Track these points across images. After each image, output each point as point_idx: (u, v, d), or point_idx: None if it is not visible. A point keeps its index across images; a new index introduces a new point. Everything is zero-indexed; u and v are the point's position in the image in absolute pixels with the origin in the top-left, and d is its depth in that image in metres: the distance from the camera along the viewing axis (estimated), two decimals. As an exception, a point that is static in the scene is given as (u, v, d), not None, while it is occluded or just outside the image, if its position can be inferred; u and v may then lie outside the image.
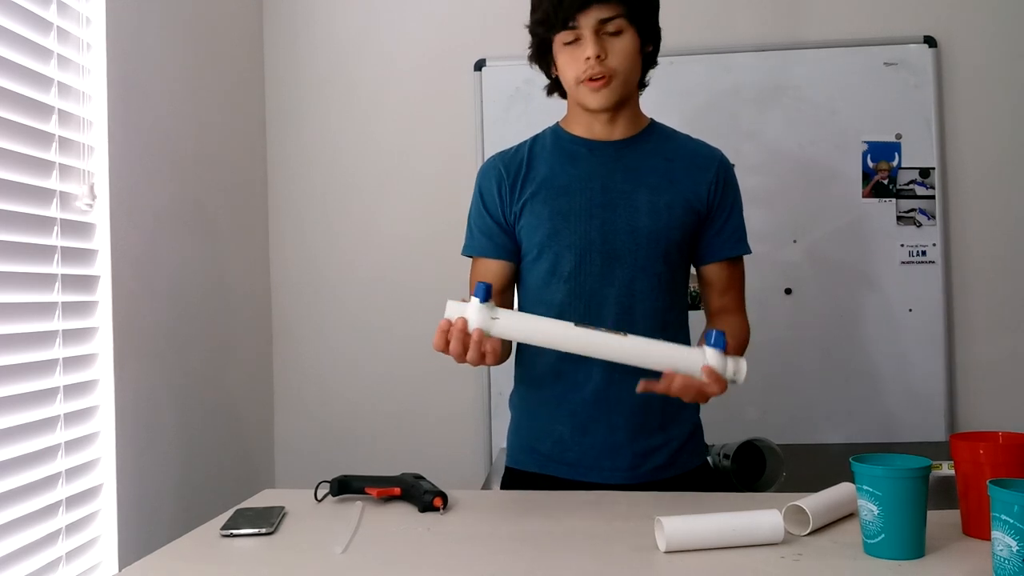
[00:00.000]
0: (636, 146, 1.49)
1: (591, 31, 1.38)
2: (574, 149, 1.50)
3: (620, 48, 1.40)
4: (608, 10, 1.38)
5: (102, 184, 1.71)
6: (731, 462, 1.95)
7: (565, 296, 1.46)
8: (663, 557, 1.06)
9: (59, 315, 1.59)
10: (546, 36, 1.44)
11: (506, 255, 1.51)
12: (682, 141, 1.53)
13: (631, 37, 1.41)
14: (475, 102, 2.47)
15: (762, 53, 2.41)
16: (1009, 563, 0.90)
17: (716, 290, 1.53)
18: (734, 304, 1.54)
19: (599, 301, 1.45)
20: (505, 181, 1.50)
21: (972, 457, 1.10)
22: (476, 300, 1.23)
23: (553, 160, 1.50)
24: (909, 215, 2.37)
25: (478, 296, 1.23)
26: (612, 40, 1.40)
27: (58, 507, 1.57)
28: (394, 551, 1.13)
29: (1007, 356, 2.35)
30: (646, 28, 1.44)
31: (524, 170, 1.50)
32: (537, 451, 1.50)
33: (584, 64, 1.39)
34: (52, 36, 1.60)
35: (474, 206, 1.55)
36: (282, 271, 2.56)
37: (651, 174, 1.47)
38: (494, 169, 1.53)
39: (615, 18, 1.38)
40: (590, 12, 1.37)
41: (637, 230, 1.44)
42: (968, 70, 2.38)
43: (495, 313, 1.24)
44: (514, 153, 1.54)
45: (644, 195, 1.45)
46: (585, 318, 1.45)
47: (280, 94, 2.56)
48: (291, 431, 2.55)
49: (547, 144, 1.53)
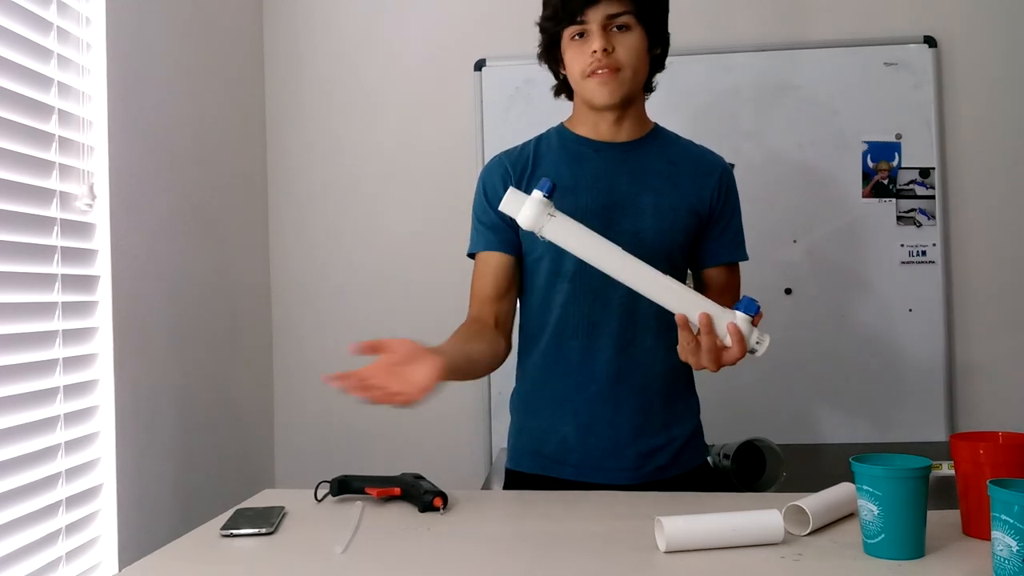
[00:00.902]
0: (641, 149, 1.50)
1: (599, 25, 1.39)
2: (580, 150, 1.50)
3: (628, 43, 1.41)
4: (617, 5, 1.39)
5: (102, 184, 1.71)
6: (731, 462, 1.95)
7: (568, 296, 1.46)
8: (663, 557, 1.06)
9: (59, 315, 1.59)
10: (555, 31, 1.45)
11: (510, 249, 1.51)
12: (686, 146, 1.54)
13: (639, 35, 1.41)
14: (475, 102, 2.47)
15: (762, 53, 2.41)
16: (1009, 563, 0.90)
17: (713, 295, 1.53)
18: None
19: (603, 302, 1.45)
20: (511, 179, 1.50)
21: (972, 457, 1.10)
22: (539, 192, 1.25)
23: (559, 160, 1.50)
24: (909, 215, 2.37)
25: (542, 190, 1.25)
26: (620, 36, 1.40)
27: (58, 507, 1.57)
28: (394, 551, 1.13)
29: (1007, 356, 2.35)
30: (654, 29, 1.44)
31: (530, 169, 1.50)
32: (540, 453, 1.50)
33: (591, 58, 1.40)
34: (52, 36, 1.60)
35: (477, 203, 1.54)
36: (282, 271, 2.56)
37: (656, 177, 1.47)
38: (500, 166, 1.53)
39: (623, 14, 1.39)
40: (599, 7, 1.38)
41: (641, 232, 1.44)
42: (968, 70, 2.38)
43: (552, 211, 1.25)
44: (519, 152, 1.54)
45: (649, 197, 1.46)
46: (588, 318, 1.45)
47: (280, 94, 2.56)
48: (291, 431, 2.55)
49: (552, 144, 1.53)
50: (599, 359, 1.45)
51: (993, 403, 2.35)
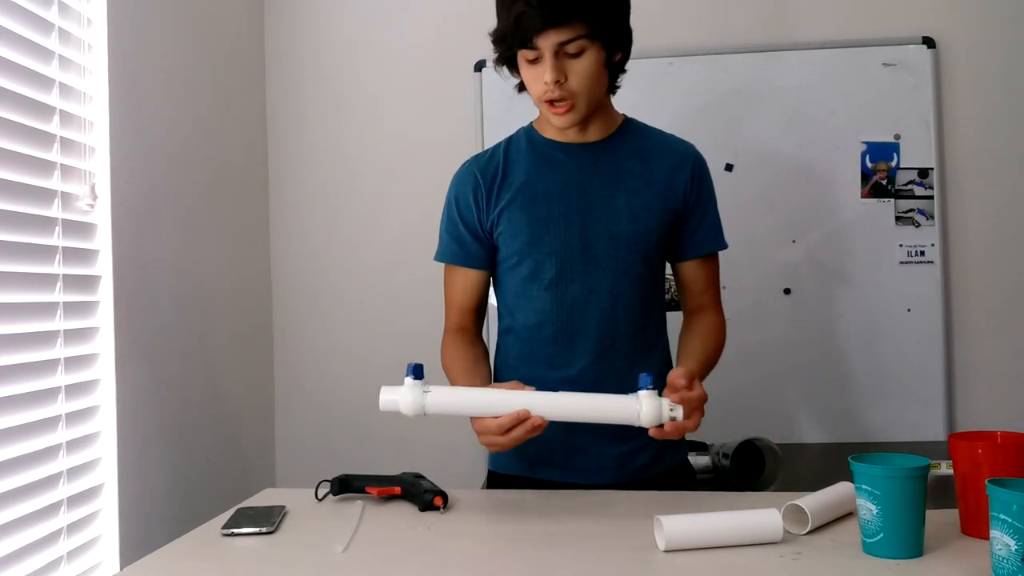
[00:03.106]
0: (612, 147, 1.48)
1: (551, 52, 1.34)
2: (550, 153, 1.49)
3: (580, 70, 1.36)
4: (567, 32, 1.32)
5: (103, 184, 1.72)
6: (730, 461, 1.96)
7: (547, 303, 1.46)
8: (662, 556, 1.07)
9: (60, 315, 1.59)
10: (507, 54, 1.41)
11: (478, 264, 1.51)
12: (657, 138, 1.52)
13: (593, 56, 1.36)
14: (475, 102, 2.47)
15: (761, 54, 2.41)
16: (1008, 562, 0.90)
17: (694, 287, 1.53)
18: (711, 301, 1.54)
19: (580, 307, 1.45)
20: (481, 188, 1.49)
21: (971, 456, 1.10)
22: (409, 379, 1.23)
23: (529, 165, 1.49)
24: (908, 215, 2.37)
25: (409, 375, 1.24)
26: (572, 62, 1.36)
27: (59, 507, 1.57)
28: (394, 550, 1.13)
29: (1006, 356, 2.36)
30: (612, 40, 1.38)
31: (500, 176, 1.49)
32: (523, 455, 1.49)
33: (544, 87, 1.36)
34: (53, 37, 1.60)
35: (446, 212, 1.54)
36: (283, 271, 2.56)
37: (628, 176, 1.46)
38: (469, 175, 1.51)
39: (575, 39, 1.33)
40: (548, 35, 1.32)
41: (617, 234, 1.44)
42: (967, 71, 2.38)
43: (427, 388, 1.24)
44: (489, 158, 1.52)
45: (622, 198, 1.45)
46: (568, 324, 1.45)
47: (281, 95, 2.57)
48: (291, 430, 2.55)
49: (522, 147, 1.51)
50: (577, 365, 1.45)
51: (991, 402, 2.35)
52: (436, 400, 1.24)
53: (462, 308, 1.54)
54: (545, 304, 1.46)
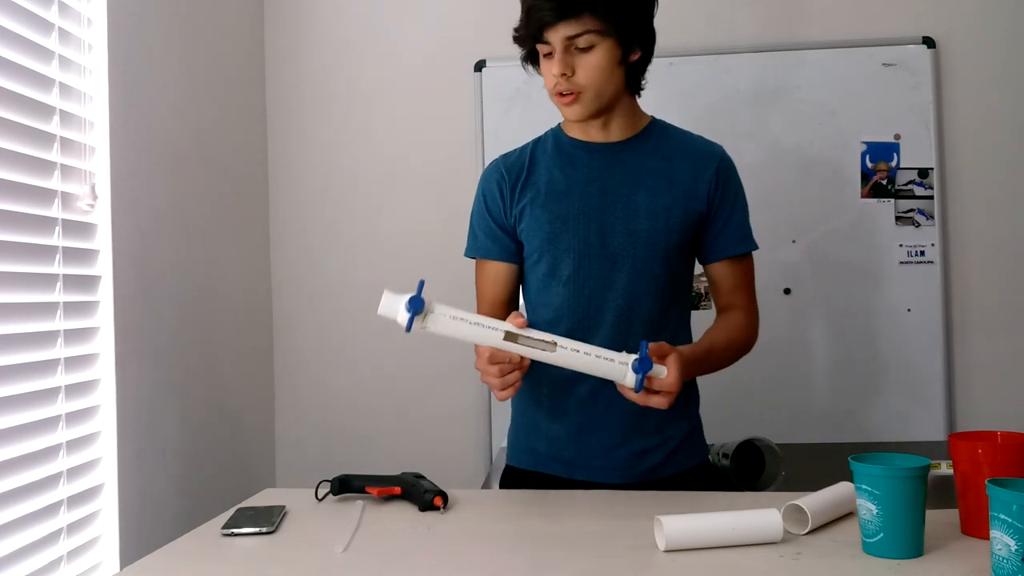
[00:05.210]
0: (635, 147, 1.49)
1: (560, 47, 1.37)
2: (573, 152, 1.50)
3: (589, 64, 1.38)
4: (576, 26, 1.35)
5: (103, 184, 1.72)
6: (730, 461, 1.96)
7: (564, 299, 1.47)
8: (663, 556, 1.07)
9: (60, 315, 1.59)
10: (526, 48, 1.45)
11: (509, 256, 1.53)
12: (682, 138, 1.53)
13: (604, 51, 1.37)
14: (475, 102, 2.47)
15: (761, 54, 2.41)
16: (1008, 562, 0.90)
17: (723, 288, 1.53)
18: (742, 302, 1.53)
19: (597, 304, 1.45)
20: (506, 184, 1.51)
21: (971, 456, 1.10)
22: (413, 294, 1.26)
23: (552, 163, 1.50)
24: (908, 215, 2.37)
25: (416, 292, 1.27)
26: (581, 56, 1.38)
27: (59, 506, 1.57)
28: (394, 550, 1.13)
29: (1006, 356, 2.36)
30: (629, 37, 1.39)
31: (525, 173, 1.51)
32: (535, 450, 1.51)
33: (554, 79, 1.39)
34: (53, 37, 1.60)
35: (476, 208, 1.56)
36: (282, 271, 2.56)
37: (650, 176, 1.47)
38: (496, 171, 1.54)
39: (585, 33, 1.35)
40: (557, 29, 1.35)
41: (635, 233, 1.44)
42: (967, 71, 2.38)
43: (431, 307, 1.26)
44: (517, 156, 1.55)
45: (643, 197, 1.45)
46: (584, 321, 1.46)
47: (281, 95, 2.57)
48: (291, 430, 2.55)
49: (548, 147, 1.53)
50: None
51: (991, 402, 2.35)
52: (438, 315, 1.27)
53: (494, 301, 1.54)
54: (563, 300, 1.47)
